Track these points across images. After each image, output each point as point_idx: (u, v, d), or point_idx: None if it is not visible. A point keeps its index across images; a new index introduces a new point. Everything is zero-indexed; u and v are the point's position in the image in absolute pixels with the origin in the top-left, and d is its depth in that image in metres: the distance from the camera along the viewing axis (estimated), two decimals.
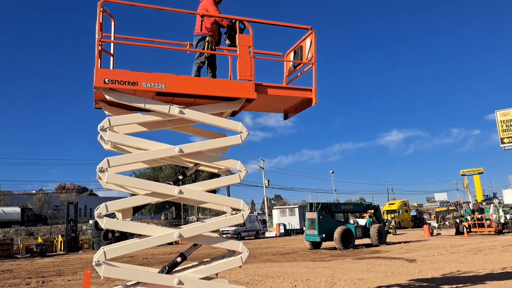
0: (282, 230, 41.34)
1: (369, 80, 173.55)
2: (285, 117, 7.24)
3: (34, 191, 67.14)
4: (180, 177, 5.75)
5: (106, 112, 5.64)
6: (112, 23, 5.50)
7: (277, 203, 78.87)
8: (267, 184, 55.17)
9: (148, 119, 5.34)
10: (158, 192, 5.22)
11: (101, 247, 4.94)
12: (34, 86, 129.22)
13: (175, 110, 5.29)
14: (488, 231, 28.07)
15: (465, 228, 28.36)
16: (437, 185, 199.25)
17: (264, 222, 43.86)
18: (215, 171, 6.06)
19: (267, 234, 41.04)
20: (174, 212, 56.29)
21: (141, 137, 5.38)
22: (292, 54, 6.88)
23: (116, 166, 5.08)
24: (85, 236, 37.57)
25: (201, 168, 5.96)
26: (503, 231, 28.28)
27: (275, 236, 39.61)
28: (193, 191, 5.40)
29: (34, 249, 25.69)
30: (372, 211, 23.72)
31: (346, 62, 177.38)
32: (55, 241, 30.12)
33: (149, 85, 5.07)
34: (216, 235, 5.65)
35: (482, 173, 48.97)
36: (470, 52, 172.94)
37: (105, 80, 4.91)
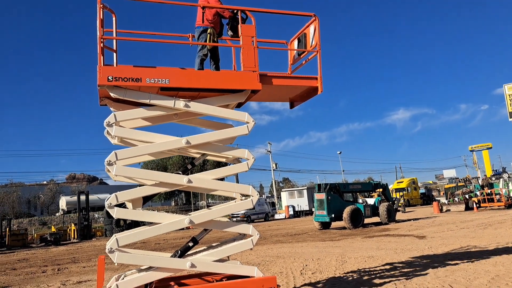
0: (291, 212, 41.64)
1: (375, 58, 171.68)
2: (291, 106, 7.17)
3: (45, 182, 68.04)
4: (189, 166, 5.80)
5: (111, 108, 5.64)
6: (113, 18, 5.45)
7: (285, 185, 79.20)
8: (275, 167, 55.35)
9: (153, 114, 5.34)
10: (167, 182, 5.29)
11: (114, 235, 5.01)
12: (42, 76, 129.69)
13: (180, 104, 5.29)
14: (498, 206, 28.01)
15: (474, 204, 28.34)
16: (445, 162, 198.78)
17: (273, 204, 44.17)
18: (223, 160, 6.08)
19: (276, 216, 41.38)
20: (184, 198, 56.80)
21: (147, 131, 5.40)
22: (296, 42, 6.78)
23: (124, 159, 5.12)
24: (98, 224, 38.15)
25: (208, 158, 5.99)
26: None
27: (284, 218, 39.94)
28: (202, 180, 5.45)
29: (48, 238, 26.20)
30: (381, 190, 23.74)
31: (351, 41, 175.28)
32: (68, 229, 30.66)
33: (153, 81, 5.06)
34: (226, 219, 5.70)
35: (491, 148, 48.53)
36: (477, 26, 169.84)
37: (109, 77, 4.91)
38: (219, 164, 39.84)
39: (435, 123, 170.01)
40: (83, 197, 30.01)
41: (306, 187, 44.73)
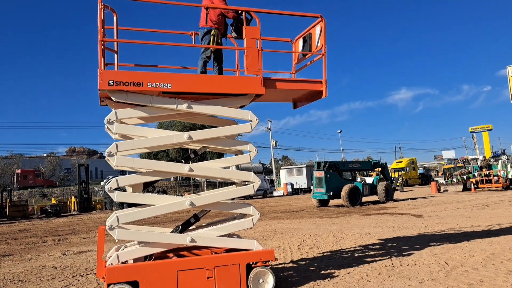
0: (290, 189, 41.97)
1: (378, 37, 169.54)
2: (294, 106, 7.07)
3: (45, 155, 68.27)
4: (192, 155, 5.79)
5: (112, 108, 5.55)
6: (115, 17, 5.33)
7: (284, 163, 79.50)
8: (274, 145, 55.36)
9: (155, 114, 5.30)
10: (169, 171, 5.31)
11: (114, 212, 5.03)
12: (42, 49, 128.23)
13: (183, 106, 5.25)
14: (496, 187, 28.19)
15: (472, 184, 28.50)
16: (445, 143, 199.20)
17: (271, 182, 44.46)
18: (225, 152, 6.06)
19: (274, 193, 41.72)
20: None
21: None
22: (301, 41, 6.63)
23: (124, 151, 5.10)
24: (98, 197, 38.49)
25: (210, 149, 5.99)
26: (511, 186, 28.39)
27: (283, 195, 40.27)
28: (203, 168, 5.49)
29: (49, 210, 26.46)
30: (380, 169, 23.82)
31: (354, 18, 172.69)
32: (68, 202, 30.94)
33: (154, 85, 4.98)
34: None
35: (491, 130, 48.35)
36: (483, 6, 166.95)
37: (110, 82, 4.83)
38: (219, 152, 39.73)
39: (437, 103, 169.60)
40: None
41: (305, 165, 44.92)
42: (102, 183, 40.04)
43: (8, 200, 26.44)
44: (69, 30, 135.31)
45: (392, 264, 6.45)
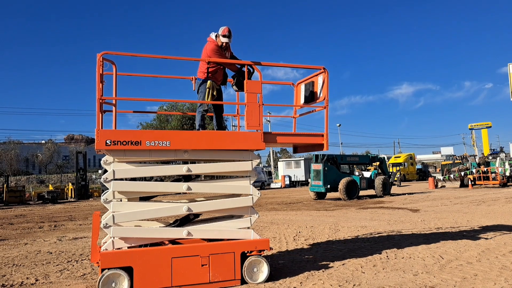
0: (287, 182, 42.03)
1: (380, 31, 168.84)
2: (295, 151, 7.03)
3: (43, 141, 68.17)
4: (193, 176, 5.76)
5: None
6: (114, 69, 5.23)
7: (282, 156, 79.59)
8: None
9: (154, 159, 5.29)
10: (167, 191, 5.30)
11: (110, 210, 4.99)
12: (43, 36, 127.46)
13: (182, 155, 5.25)
14: (493, 184, 28.26)
15: (469, 181, 28.57)
16: (444, 139, 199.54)
17: (269, 173, 44.50)
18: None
19: (272, 185, 41.78)
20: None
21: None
22: (303, 86, 6.55)
23: (122, 177, 5.06)
24: (95, 185, 38.52)
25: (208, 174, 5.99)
26: (508, 184, 28.48)
27: (280, 187, 40.33)
28: (201, 186, 5.50)
29: (46, 196, 26.46)
30: (378, 163, 23.83)
31: (357, 11, 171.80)
32: (65, 189, 30.95)
33: (153, 144, 4.93)
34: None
35: (490, 127, 48.53)
36: (486, 1, 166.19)
37: (107, 141, 4.76)
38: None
39: (438, 99, 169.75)
40: None
41: (303, 158, 44.93)
42: (100, 171, 40.08)
43: (5, 185, 26.44)
44: (68, 19, 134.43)
45: (387, 256, 6.45)
